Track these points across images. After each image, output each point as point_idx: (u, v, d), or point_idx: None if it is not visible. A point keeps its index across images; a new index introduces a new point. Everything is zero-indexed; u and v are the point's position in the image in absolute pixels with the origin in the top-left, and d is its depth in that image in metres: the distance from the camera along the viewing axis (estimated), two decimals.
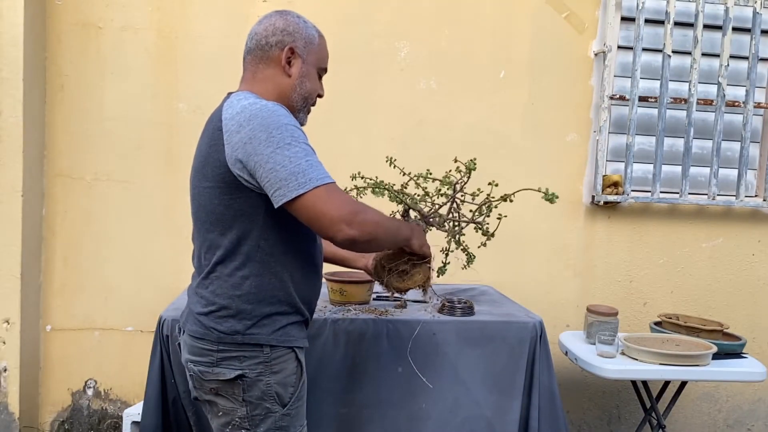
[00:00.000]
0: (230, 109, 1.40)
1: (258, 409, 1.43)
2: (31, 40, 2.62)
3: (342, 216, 1.32)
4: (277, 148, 1.31)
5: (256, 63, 1.51)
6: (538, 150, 2.97)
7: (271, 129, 1.32)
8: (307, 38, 1.51)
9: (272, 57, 1.49)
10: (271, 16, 1.52)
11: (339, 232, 1.32)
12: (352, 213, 1.33)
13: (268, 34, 1.49)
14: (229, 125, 1.37)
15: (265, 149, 1.31)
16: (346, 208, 1.33)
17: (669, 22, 2.87)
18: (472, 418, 2.09)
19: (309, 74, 1.53)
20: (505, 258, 2.95)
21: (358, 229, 1.33)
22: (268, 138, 1.32)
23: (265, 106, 1.36)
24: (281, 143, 1.31)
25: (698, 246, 3.08)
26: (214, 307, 1.43)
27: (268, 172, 1.31)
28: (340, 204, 1.32)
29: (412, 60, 2.89)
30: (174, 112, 2.79)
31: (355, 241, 1.34)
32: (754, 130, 3.08)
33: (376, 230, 1.39)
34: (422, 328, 2.08)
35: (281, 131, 1.32)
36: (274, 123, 1.33)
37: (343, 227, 1.32)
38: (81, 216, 2.79)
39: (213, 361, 1.43)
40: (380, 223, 1.41)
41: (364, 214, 1.35)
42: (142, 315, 2.82)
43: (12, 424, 2.64)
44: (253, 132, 1.33)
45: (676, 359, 2.26)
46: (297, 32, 1.50)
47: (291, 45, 1.48)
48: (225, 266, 1.43)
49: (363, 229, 1.34)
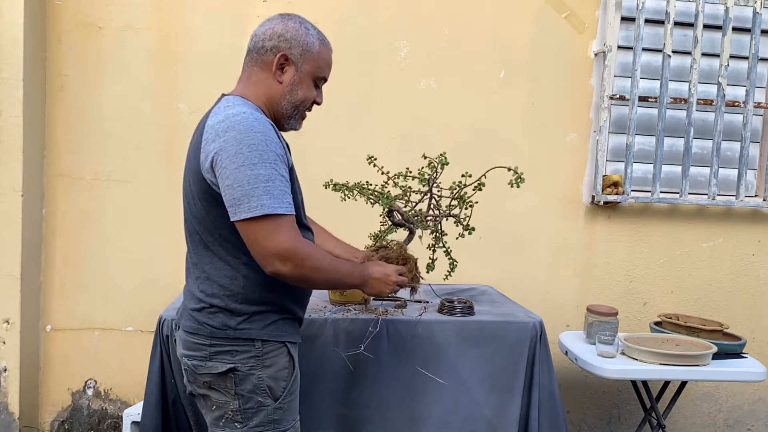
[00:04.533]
0: (215, 117, 1.41)
1: (250, 402, 1.45)
2: (31, 40, 2.62)
3: (278, 251, 1.34)
4: (240, 166, 1.32)
5: (252, 65, 1.51)
6: (538, 150, 2.97)
7: (241, 145, 1.33)
8: (304, 46, 1.49)
9: (266, 61, 1.49)
10: (273, 20, 1.52)
11: (269, 266, 1.36)
12: (291, 251, 1.34)
13: (266, 37, 1.49)
14: (209, 133, 1.38)
15: (230, 164, 1.33)
16: (285, 245, 1.34)
17: (669, 22, 2.87)
18: (472, 418, 2.09)
19: (302, 82, 1.51)
20: (505, 258, 2.95)
21: (291, 268, 1.35)
22: (236, 153, 1.33)
23: (246, 119, 1.36)
24: (246, 162, 1.32)
25: (698, 246, 3.08)
26: (205, 304, 1.46)
27: (226, 187, 1.34)
28: (280, 239, 1.34)
29: (412, 60, 2.89)
30: (174, 112, 2.79)
31: (285, 277, 1.37)
32: (754, 130, 3.07)
33: (312, 274, 1.40)
34: (422, 328, 2.09)
35: (251, 149, 1.33)
36: (246, 139, 1.34)
37: (275, 262, 1.35)
38: (81, 216, 2.79)
39: (206, 355, 1.45)
40: (319, 268, 1.42)
41: (302, 255, 1.36)
42: (142, 315, 2.81)
43: (12, 424, 2.64)
44: (225, 143, 1.34)
45: (676, 359, 2.26)
46: (294, 39, 1.48)
47: (285, 52, 1.48)
48: (213, 267, 1.46)
49: (296, 269, 1.36)
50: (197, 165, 1.40)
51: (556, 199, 2.99)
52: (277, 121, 1.53)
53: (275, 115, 1.52)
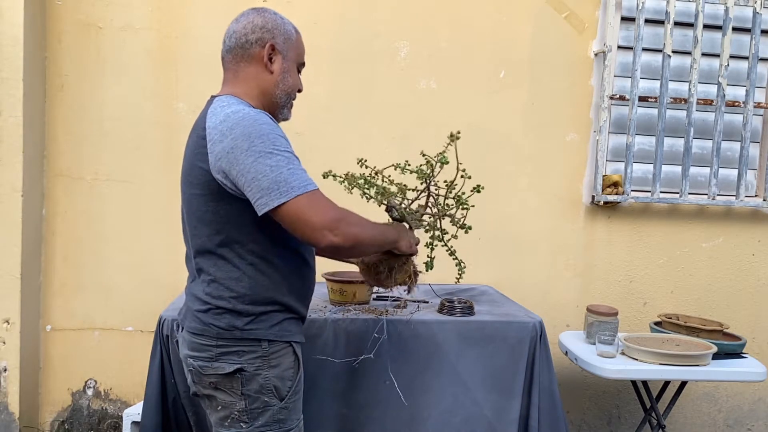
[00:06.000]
0: (214, 117, 1.40)
1: (256, 402, 1.45)
2: (31, 40, 2.62)
3: (325, 223, 1.33)
4: (258, 158, 1.32)
5: (237, 62, 1.51)
6: (538, 150, 2.97)
7: (252, 138, 1.33)
8: (285, 34, 1.53)
9: (253, 55, 1.50)
10: (249, 14, 1.52)
11: (323, 239, 1.34)
12: (336, 220, 1.34)
13: (247, 32, 1.50)
14: (213, 134, 1.38)
15: (246, 159, 1.33)
16: (329, 215, 1.34)
17: (669, 22, 2.87)
18: (472, 418, 2.09)
19: (290, 70, 1.55)
20: (505, 258, 2.95)
21: (342, 236, 1.34)
22: (249, 147, 1.33)
23: (247, 114, 1.37)
24: (262, 152, 1.33)
25: (698, 246, 3.08)
26: (211, 306, 1.46)
27: (250, 181, 1.33)
28: (323, 211, 1.33)
29: (412, 60, 2.89)
30: (174, 112, 2.79)
31: (339, 247, 1.36)
32: (754, 130, 3.08)
33: (360, 236, 1.40)
34: (422, 328, 2.09)
35: (263, 140, 1.34)
36: (255, 132, 1.34)
37: (327, 234, 1.33)
38: (81, 216, 2.79)
39: (212, 356, 1.45)
40: (364, 229, 1.42)
41: (347, 221, 1.36)
42: (142, 315, 2.81)
43: (12, 424, 2.64)
44: (235, 141, 1.34)
45: (676, 359, 2.26)
46: (276, 29, 1.51)
47: (271, 42, 1.50)
48: (218, 269, 1.45)
49: (347, 235, 1.35)
50: (204, 167, 1.40)
51: (556, 199, 2.99)
52: (271, 112, 1.54)
53: (269, 107, 1.53)
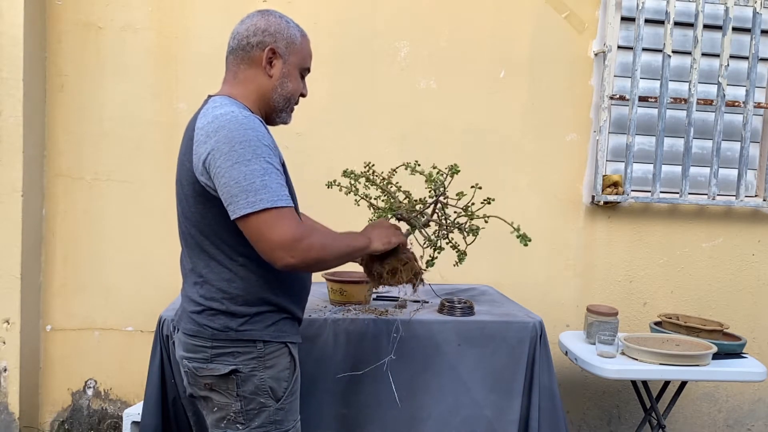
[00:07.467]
0: (203, 118, 1.40)
1: (252, 403, 1.44)
2: (31, 40, 2.62)
3: (283, 243, 1.31)
4: (235, 163, 1.31)
5: (238, 63, 1.52)
6: (538, 150, 2.97)
7: (234, 143, 1.32)
8: (288, 38, 1.51)
9: (253, 57, 1.50)
10: (253, 16, 1.53)
11: (279, 260, 1.33)
12: (295, 240, 1.32)
13: (249, 34, 1.50)
14: (199, 135, 1.38)
15: (224, 162, 1.32)
16: (288, 235, 1.32)
17: (669, 22, 2.87)
18: (472, 418, 2.09)
19: (291, 75, 1.53)
20: (505, 258, 2.95)
21: (299, 258, 1.33)
22: (229, 151, 1.32)
23: (235, 118, 1.36)
24: (241, 158, 1.31)
25: (698, 246, 3.08)
26: (204, 307, 1.45)
27: (222, 186, 1.33)
28: (284, 230, 1.32)
29: (412, 60, 2.89)
30: (174, 112, 2.79)
31: (295, 268, 1.35)
32: (754, 130, 3.08)
33: (320, 257, 1.38)
34: (422, 328, 2.09)
35: (243, 146, 1.32)
36: (238, 137, 1.33)
37: (283, 255, 1.32)
38: (81, 216, 2.79)
39: (207, 357, 1.44)
40: (326, 248, 1.40)
41: (308, 242, 1.34)
42: (142, 315, 2.82)
43: (12, 424, 2.64)
44: (217, 143, 1.33)
45: (676, 359, 2.26)
46: (278, 32, 1.50)
47: (272, 46, 1.49)
48: (210, 271, 1.45)
49: (305, 258, 1.34)
50: (190, 168, 1.40)
51: (556, 199, 2.99)
52: (269, 115, 1.54)
53: (267, 110, 1.53)
